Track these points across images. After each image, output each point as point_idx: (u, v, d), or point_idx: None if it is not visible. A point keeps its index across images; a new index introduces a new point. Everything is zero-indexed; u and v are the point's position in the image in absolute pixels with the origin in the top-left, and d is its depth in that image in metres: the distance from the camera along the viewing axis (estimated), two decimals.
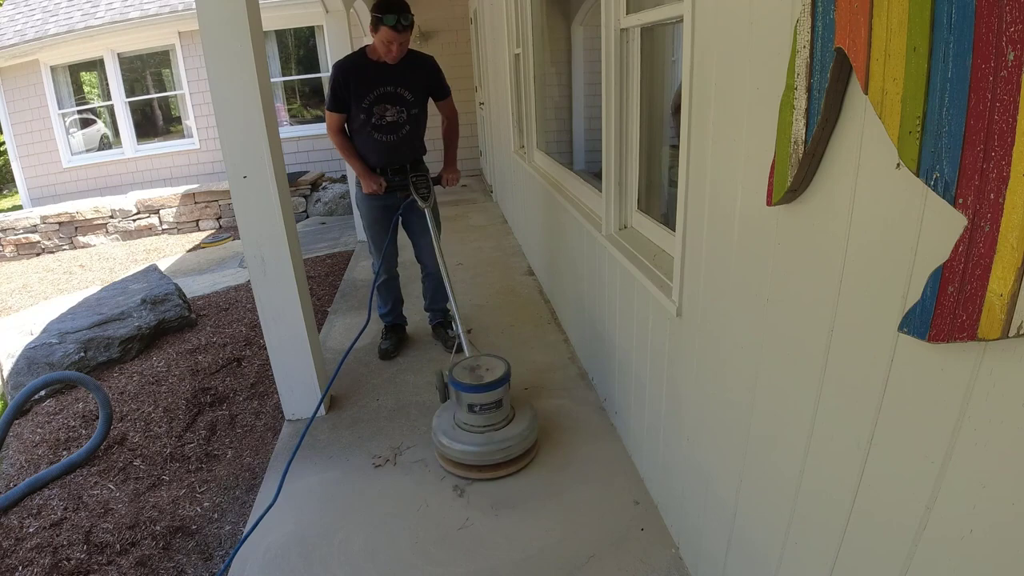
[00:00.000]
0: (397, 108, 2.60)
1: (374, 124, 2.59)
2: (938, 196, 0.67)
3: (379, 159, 2.68)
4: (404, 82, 2.57)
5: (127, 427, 2.73)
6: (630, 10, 1.90)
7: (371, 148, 2.65)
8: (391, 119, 2.60)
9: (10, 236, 7.09)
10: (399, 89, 2.56)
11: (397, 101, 2.59)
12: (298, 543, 1.86)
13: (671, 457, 1.75)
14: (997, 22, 0.57)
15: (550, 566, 1.72)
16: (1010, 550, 0.66)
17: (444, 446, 2.11)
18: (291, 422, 2.54)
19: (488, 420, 2.11)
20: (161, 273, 4.47)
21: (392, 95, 2.56)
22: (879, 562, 0.87)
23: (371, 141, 2.63)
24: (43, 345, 3.27)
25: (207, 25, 2.04)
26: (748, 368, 1.22)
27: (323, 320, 3.67)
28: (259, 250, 2.31)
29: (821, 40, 0.85)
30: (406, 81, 2.57)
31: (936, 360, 0.73)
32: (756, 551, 1.27)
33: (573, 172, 3.00)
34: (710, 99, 1.30)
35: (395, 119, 2.61)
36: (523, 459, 2.13)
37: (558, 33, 3.71)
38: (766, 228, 1.10)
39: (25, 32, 7.57)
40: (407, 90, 2.58)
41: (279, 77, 8.19)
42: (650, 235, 1.95)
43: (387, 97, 2.56)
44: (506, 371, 2.13)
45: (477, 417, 2.11)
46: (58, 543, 2.02)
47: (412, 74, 2.59)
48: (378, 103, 2.56)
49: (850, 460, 0.91)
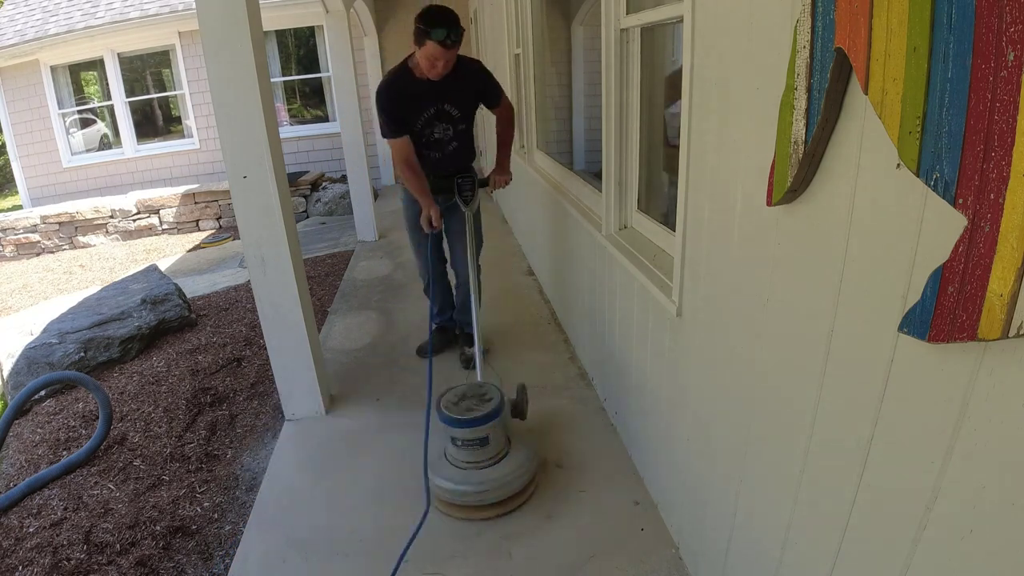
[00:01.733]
0: (444, 126, 2.48)
1: (423, 142, 2.49)
2: (938, 196, 0.67)
3: (432, 176, 2.53)
4: (450, 98, 2.42)
5: (127, 427, 2.73)
6: (630, 10, 1.90)
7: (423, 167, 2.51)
8: (438, 136, 2.50)
9: (10, 236, 7.09)
10: (445, 106, 2.43)
11: (443, 118, 2.46)
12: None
13: (671, 457, 1.74)
14: (997, 22, 0.57)
15: (550, 567, 1.73)
16: (1010, 550, 0.66)
17: (440, 486, 1.91)
18: (291, 422, 2.54)
19: (471, 456, 1.91)
20: (161, 273, 4.47)
21: (441, 112, 2.44)
22: (879, 562, 0.87)
23: (422, 159, 2.50)
24: (43, 345, 3.27)
25: (207, 25, 2.04)
26: (748, 368, 1.22)
27: (323, 320, 3.67)
28: (259, 250, 2.31)
29: (821, 40, 0.85)
30: (452, 97, 2.42)
31: (936, 360, 0.73)
32: (756, 551, 1.27)
33: (573, 172, 3.01)
34: (710, 99, 1.30)
35: (441, 136, 2.50)
36: (505, 505, 1.89)
37: (558, 33, 3.71)
38: (766, 228, 1.10)
39: (25, 32, 7.57)
40: (454, 107, 2.45)
41: (279, 77, 8.19)
42: (650, 235, 1.95)
43: (438, 116, 2.44)
44: (497, 407, 1.91)
45: (460, 451, 1.93)
46: (58, 543, 2.02)
47: (459, 88, 2.42)
48: (426, 126, 2.45)
49: (850, 460, 0.91)
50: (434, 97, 2.38)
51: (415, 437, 2.36)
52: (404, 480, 2.14)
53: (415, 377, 2.85)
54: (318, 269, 4.86)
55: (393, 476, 2.16)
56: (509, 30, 4.23)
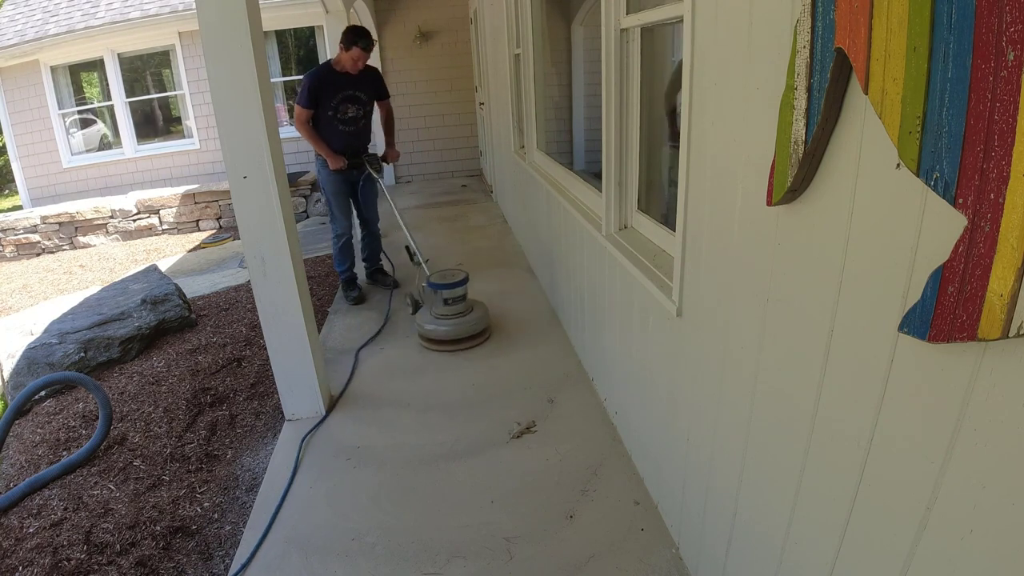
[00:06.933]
0: (356, 106, 3.53)
1: (339, 119, 3.49)
2: (938, 196, 0.67)
3: (341, 145, 3.55)
4: (360, 87, 3.50)
5: (127, 427, 2.73)
6: (630, 10, 1.90)
7: (336, 136, 3.52)
8: (352, 115, 3.53)
9: (10, 236, 7.09)
10: (357, 92, 3.50)
11: (355, 101, 3.52)
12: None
13: (671, 457, 1.74)
14: (997, 22, 0.57)
15: (550, 567, 1.72)
16: (1010, 550, 0.66)
17: (428, 330, 3.08)
18: (291, 422, 2.54)
19: (456, 310, 3.09)
20: (161, 273, 4.47)
21: (352, 96, 3.49)
22: (879, 562, 0.87)
23: (336, 131, 3.52)
24: (43, 345, 3.27)
25: (207, 25, 2.04)
26: (748, 368, 1.22)
27: (323, 320, 3.67)
28: (259, 250, 2.31)
29: (821, 40, 0.85)
30: (361, 86, 3.51)
31: (936, 360, 0.73)
32: (756, 551, 1.27)
33: (573, 172, 3.00)
34: (710, 99, 1.30)
35: (354, 115, 3.55)
36: (481, 336, 3.15)
37: (558, 33, 3.71)
38: (766, 228, 1.10)
39: (25, 32, 7.57)
40: (362, 92, 3.53)
41: (279, 77, 8.19)
42: (650, 235, 1.95)
43: (349, 99, 3.48)
44: (465, 277, 3.11)
45: (449, 308, 3.07)
46: (58, 543, 2.02)
47: (364, 82, 3.53)
48: (342, 103, 3.46)
49: (850, 460, 0.91)
50: (349, 86, 3.45)
51: (415, 437, 2.37)
52: (404, 479, 2.14)
53: (415, 377, 2.85)
54: (318, 269, 4.86)
55: (393, 476, 2.16)
56: (509, 30, 4.23)
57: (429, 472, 2.17)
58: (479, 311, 3.19)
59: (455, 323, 3.05)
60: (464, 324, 3.07)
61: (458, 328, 3.05)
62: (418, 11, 7.70)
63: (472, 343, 3.09)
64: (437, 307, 3.08)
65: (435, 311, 3.09)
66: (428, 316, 3.12)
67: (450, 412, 2.54)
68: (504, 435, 2.34)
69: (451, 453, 2.26)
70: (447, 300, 3.05)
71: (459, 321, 3.06)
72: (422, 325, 3.10)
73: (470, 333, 3.08)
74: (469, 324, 3.08)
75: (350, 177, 3.67)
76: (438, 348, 3.06)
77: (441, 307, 3.07)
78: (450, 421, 2.48)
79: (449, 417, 2.51)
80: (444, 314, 3.07)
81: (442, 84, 8.03)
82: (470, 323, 3.09)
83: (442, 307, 3.07)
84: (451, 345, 3.05)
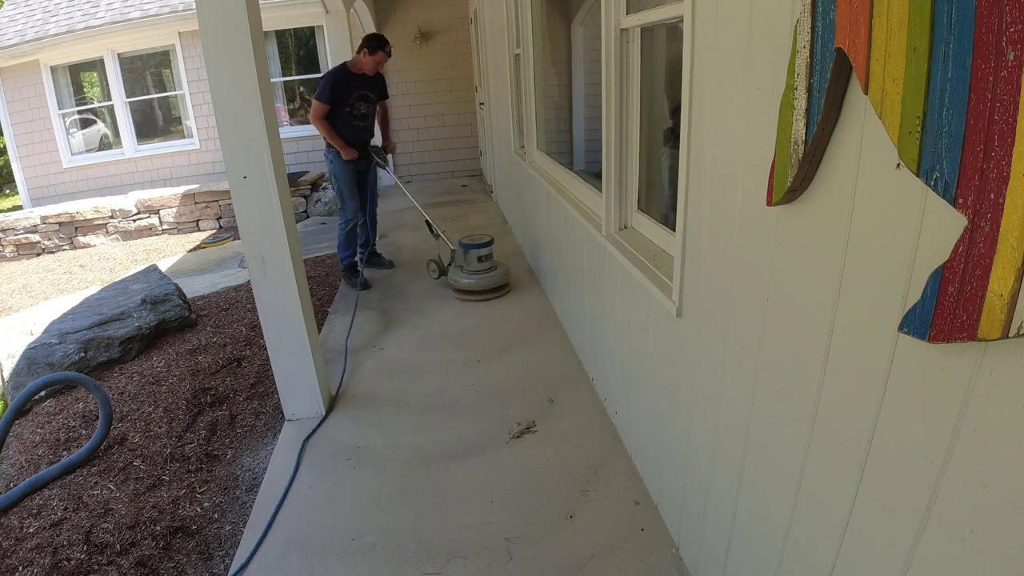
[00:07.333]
0: (366, 104, 4.03)
1: (354, 115, 3.97)
2: (938, 196, 0.67)
3: (354, 138, 3.99)
4: (371, 87, 4.02)
5: (127, 427, 2.73)
6: (630, 10, 1.90)
7: (350, 130, 3.97)
8: (364, 111, 4.03)
9: (10, 236, 7.09)
10: (368, 92, 4.01)
11: (367, 100, 4.02)
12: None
13: (671, 457, 1.74)
14: (997, 22, 0.57)
15: (550, 567, 1.73)
16: (1010, 550, 0.66)
17: (464, 284, 3.76)
18: (291, 422, 2.54)
19: (485, 266, 3.77)
20: (161, 273, 4.47)
21: (364, 96, 4.00)
22: (879, 563, 0.87)
23: (351, 126, 3.98)
24: (43, 345, 3.27)
25: (207, 25, 2.04)
26: (748, 368, 1.22)
27: (323, 320, 3.67)
28: (259, 250, 2.31)
29: (821, 40, 0.85)
30: (372, 87, 4.03)
31: (936, 360, 0.73)
32: (756, 551, 1.27)
33: (573, 172, 3.00)
34: (710, 99, 1.30)
35: (366, 111, 4.05)
36: (504, 288, 3.85)
37: (558, 33, 3.71)
38: (766, 228, 1.10)
39: (25, 32, 7.57)
40: (372, 93, 4.05)
41: (279, 77, 8.19)
42: (650, 235, 1.95)
43: (362, 97, 3.98)
44: (491, 239, 3.79)
45: (480, 264, 3.75)
46: (58, 543, 2.02)
47: (375, 83, 4.06)
48: (357, 101, 3.95)
49: (850, 460, 0.91)
50: (363, 86, 3.95)
51: (415, 437, 2.37)
52: (404, 479, 2.14)
53: (415, 377, 2.85)
54: (318, 269, 4.86)
55: (393, 476, 2.16)
56: (509, 30, 4.23)
57: (429, 472, 2.17)
58: (503, 268, 3.87)
59: (485, 277, 3.73)
60: (492, 277, 3.74)
61: (486, 280, 3.72)
62: (418, 11, 7.71)
63: (498, 293, 3.78)
64: (470, 264, 3.74)
65: (467, 268, 3.76)
66: (460, 273, 3.79)
67: (450, 412, 2.55)
68: (504, 435, 2.34)
69: (451, 453, 2.27)
70: (480, 258, 3.72)
71: (488, 275, 3.74)
72: (457, 280, 3.77)
73: (496, 284, 3.77)
74: (496, 277, 3.76)
75: (359, 166, 4.11)
76: (470, 298, 3.74)
77: (474, 264, 3.73)
78: (450, 421, 2.48)
79: (449, 417, 2.51)
80: (475, 270, 3.74)
81: (442, 84, 8.03)
82: (496, 276, 3.76)
83: (475, 264, 3.73)
84: (481, 295, 3.72)
